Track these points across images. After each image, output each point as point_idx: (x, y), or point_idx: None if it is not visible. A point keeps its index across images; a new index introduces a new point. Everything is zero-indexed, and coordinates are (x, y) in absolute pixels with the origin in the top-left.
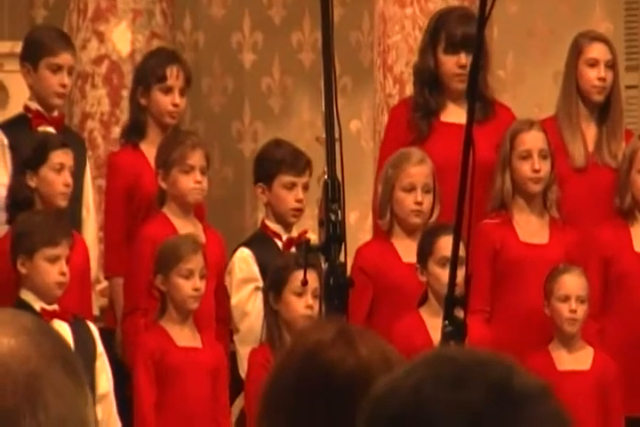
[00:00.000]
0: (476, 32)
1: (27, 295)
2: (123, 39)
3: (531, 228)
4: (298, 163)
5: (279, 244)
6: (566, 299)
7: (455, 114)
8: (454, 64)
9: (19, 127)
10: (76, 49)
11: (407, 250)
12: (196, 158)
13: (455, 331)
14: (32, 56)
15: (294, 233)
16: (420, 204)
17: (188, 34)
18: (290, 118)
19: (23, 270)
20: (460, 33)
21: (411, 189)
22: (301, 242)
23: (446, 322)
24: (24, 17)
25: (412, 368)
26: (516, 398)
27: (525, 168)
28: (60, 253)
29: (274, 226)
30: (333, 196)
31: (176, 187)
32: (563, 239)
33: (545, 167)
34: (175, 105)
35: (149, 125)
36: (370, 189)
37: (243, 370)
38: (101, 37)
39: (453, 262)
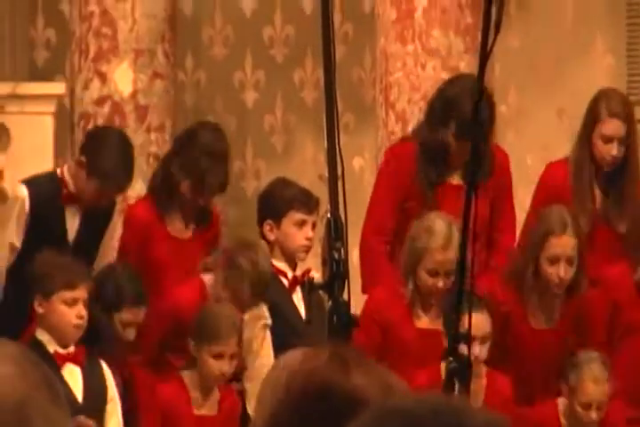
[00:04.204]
0: (483, 103)
1: (42, 336)
2: (124, 79)
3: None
4: (309, 201)
5: (285, 282)
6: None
7: (458, 177)
8: (464, 148)
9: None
10: (78, 89)
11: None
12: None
13: (459, 368)
14: None
15: (298, 271)
16: (444, 285)
17: (190, 73)
18: (292, 156)
19: (40, 310)
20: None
21: (435, 273)
22: (305, 281)
23: (450, 359)
24: (25, 58)
25: (362, 424)
26: None
27: (551, 271)
28: (78, 296)
29: (280, 264)
30: (336, 234)
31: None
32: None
33: (570, 273)
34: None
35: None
36: None
37: (251, 407)
38: (103, 78)
39: (459, 295)
